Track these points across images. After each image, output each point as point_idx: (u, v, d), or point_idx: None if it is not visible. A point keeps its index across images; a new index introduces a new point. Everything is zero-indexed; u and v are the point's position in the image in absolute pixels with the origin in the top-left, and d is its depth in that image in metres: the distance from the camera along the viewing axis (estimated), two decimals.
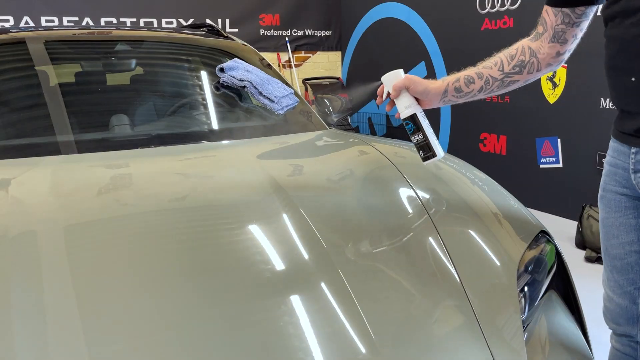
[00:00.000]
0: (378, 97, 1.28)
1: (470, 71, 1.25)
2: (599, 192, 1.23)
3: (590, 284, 2.86)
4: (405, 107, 1.23)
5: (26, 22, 4.96)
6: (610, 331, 1.28)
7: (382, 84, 1.27)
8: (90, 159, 1.50)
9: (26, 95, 1.89)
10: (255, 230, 1.11)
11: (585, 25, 1.16)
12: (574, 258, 3.16)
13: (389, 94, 1.25)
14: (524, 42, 1.24)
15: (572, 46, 1.19)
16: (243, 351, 0.83)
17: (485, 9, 4.40)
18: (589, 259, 3.12)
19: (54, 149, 1.57)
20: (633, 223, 1.14)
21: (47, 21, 5.05)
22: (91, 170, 1.40)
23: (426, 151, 1.21)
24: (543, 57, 1.20)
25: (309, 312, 0.92)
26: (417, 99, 1.24)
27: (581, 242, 3.25)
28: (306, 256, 1.04)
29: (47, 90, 1.84)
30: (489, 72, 1.23)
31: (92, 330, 0.83)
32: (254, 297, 0.93)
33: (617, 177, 1.15)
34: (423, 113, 1.24)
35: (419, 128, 1.21)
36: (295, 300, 0.94)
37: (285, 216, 1.15)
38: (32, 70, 1.90)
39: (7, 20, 4.92)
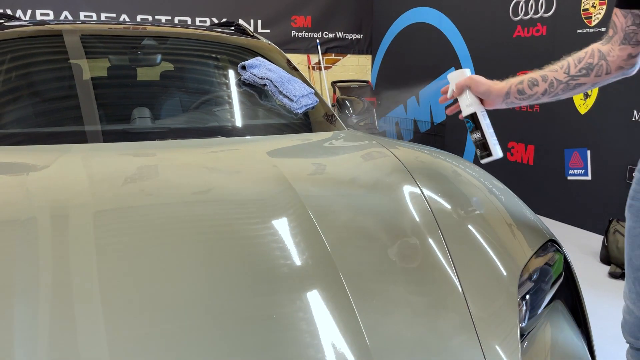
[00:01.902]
0: (442, 96, 1.33)
1: (535, 73, 1.24)
2: (628, 201, 1.21)
3: (612, 299, 2.79)
4: (467, 106, 1.28)
5: (65, 17, 5.13)
6: (626, 347, 1.25)
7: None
8: (114, 148, 1.56)
9: (59, 86, 1.96)
10: (260, 228, 1.12)
11: None
12: (597, 273, 3.08)
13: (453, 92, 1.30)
14: (594, 46, 1.21)
15: None
16: (230, 348, 0.84)
17: (519, 15, 4.33)
18: (612, 275, 3.04)
19: (81, 138, 1.64)
20: None
21: (85, 16, 5.21)
22: (114, 158, 1.46)
23: (482, 150, 1.27)
24: (613, 60, 1.16)
25: (305, 313, 0.92)
26: (480, 99, 1.28)
27: (606, 257, 3.17)
28: (308, 258, 1.03)
29: (79, 82, 1.91)
30: (554, 75, 1.21)
31: (111, 313, 0.85)
32: (250, 294, 0.94)
33: None
34: (485, 113, 1.29)
35: (477, 127, 1.27)
36: (292, 300, 0.94)
37: (291, 216, 1.15)
38: (66, 63, 1.97)
39: (47, 14, 5.09)
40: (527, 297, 1.07)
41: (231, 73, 2.15)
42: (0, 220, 1.05)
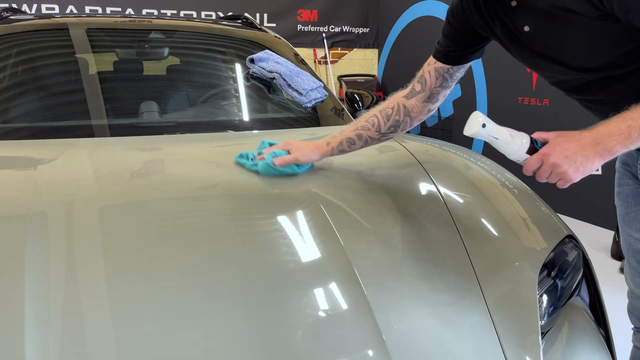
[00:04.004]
0: None
1: (351, 133, 1.34)
2: (615, 189, 1.27)
3: (624, 295, 2.76)
4: (520, 146, 0.98)
5: (71, 11, 5.11)
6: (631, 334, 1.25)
7: None
8: (121, 142, 1.55)
9: (65, 79, 1.95)
10: (270, 223, 1.11)
11: (453, 85, 1.29)
12: (608, 268, 3.05)
13: None
14: (399, 100, 1.32)
15: (439, 103, 1.31)
16: (243, 345, 0.83)
17: None
18: (624, 270, 3.01)
19: (88, 132, 1.63)
20: None
21: (90, 10, 5.19)
22: (121, 152, 1.45)
23: None
24: (415, 116, 1.31)
25: (319, 309, 0.90)
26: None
27: (617, 252, 3.13)
28: (322, 253, 1.02)
29: (85, 76, 1.89)
30: (367, 134, 1.33)
31: (119, 308, 0.84)
32: (262, 289, 0.92)
33: (628, 174, 1.21)
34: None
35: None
36: (306, 296, 0.93)
37: (304, 210, 1.13)
38: (72, 57, 1.95)
39: (53, 8, 5.08)
40: (547, 294, 1.05)
41: (239, 66, 2.13)
42: (8, 214, 1.04)
